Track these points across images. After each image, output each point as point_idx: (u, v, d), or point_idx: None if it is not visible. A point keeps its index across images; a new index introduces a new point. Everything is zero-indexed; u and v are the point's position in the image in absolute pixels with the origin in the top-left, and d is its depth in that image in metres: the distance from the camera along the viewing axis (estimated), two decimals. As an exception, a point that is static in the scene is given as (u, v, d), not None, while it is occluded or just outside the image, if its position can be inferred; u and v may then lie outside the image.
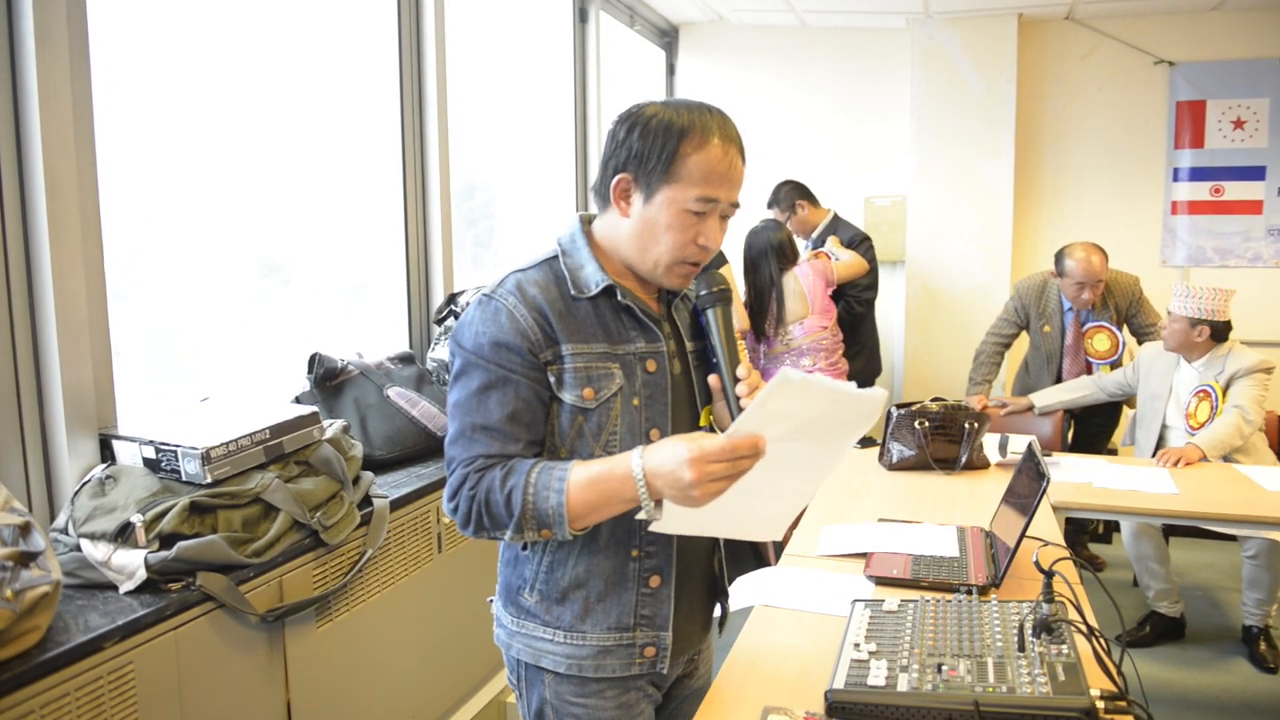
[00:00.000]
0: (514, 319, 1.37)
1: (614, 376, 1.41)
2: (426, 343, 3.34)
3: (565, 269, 1.43)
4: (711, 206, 1.39)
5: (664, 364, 1.45)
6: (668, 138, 1.36)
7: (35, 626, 1.54)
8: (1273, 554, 3.38)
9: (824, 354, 4.08)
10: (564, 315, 1.39)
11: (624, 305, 1.43)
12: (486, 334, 1.37)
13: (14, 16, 1.85)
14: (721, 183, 1.39)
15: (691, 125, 1.37)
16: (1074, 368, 4.19)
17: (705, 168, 1.37)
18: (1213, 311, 3.47)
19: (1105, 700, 1.31)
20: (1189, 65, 5.05)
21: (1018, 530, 1.96)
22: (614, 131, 1.42)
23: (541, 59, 4.43)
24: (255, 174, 2.77)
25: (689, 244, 1.40)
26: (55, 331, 1.92)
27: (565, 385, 1.39)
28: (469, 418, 1.38)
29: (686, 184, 1.37)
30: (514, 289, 1.40)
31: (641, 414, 1.43)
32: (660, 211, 1.38)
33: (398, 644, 2.46)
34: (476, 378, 1.38)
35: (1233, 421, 3.35)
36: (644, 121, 1.38)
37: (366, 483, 2.36)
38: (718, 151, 1.38)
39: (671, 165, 1.36)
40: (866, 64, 5.41)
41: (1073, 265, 4.00)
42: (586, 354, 1.40)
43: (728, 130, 1.41)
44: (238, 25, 2.69)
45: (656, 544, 1.46)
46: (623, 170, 1.40)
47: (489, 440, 1.37)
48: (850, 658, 1.47)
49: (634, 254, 1.43)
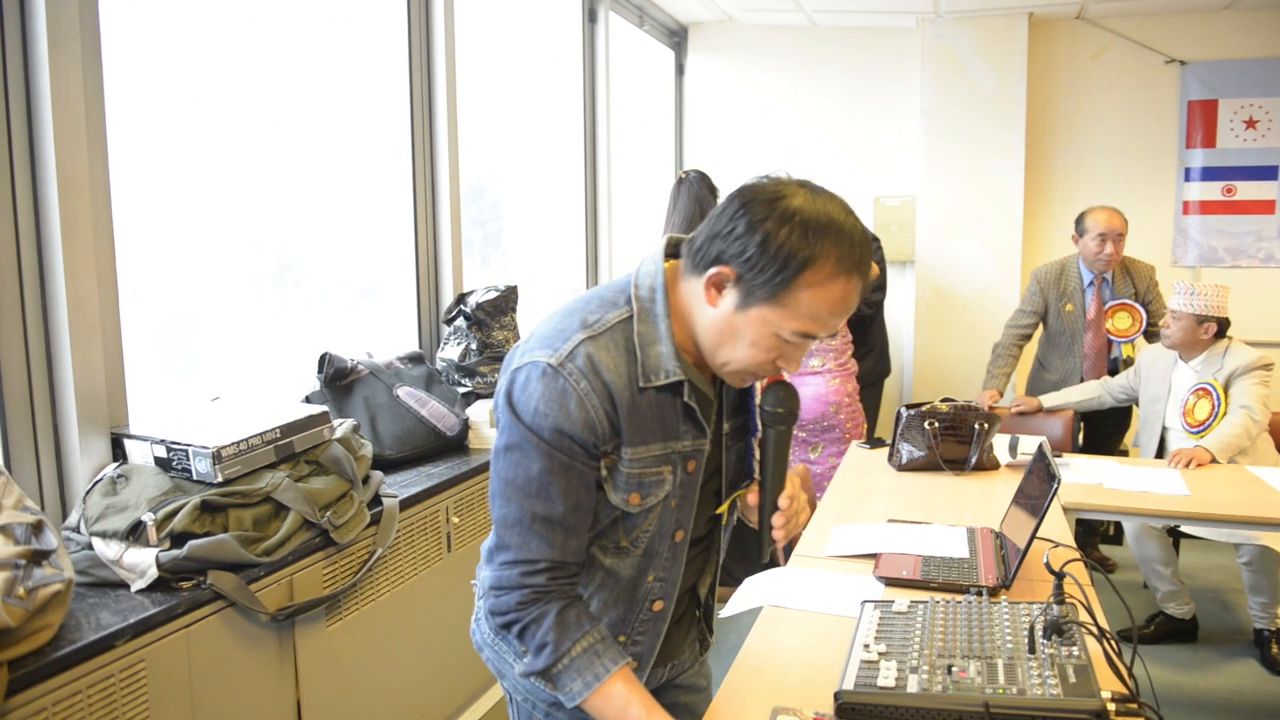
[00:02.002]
0: (584, 408, 1.23)
1: (664, 483, 1.32)
2: (436, 342, 3.35)
3: (638, 342, 1.27)
4: (806, 341, 1.25)
5: (701, 462, 1.35)
6: (789, 261, 1.18)
7: (48, 624, 1.55)
8: (1265, 558, 3.37)
9: (833, 354, 4.07)
10: (630, 407, 1.26)
11: (688, 405, 1.30)
12: (550, 417, 1.23)
13: (27, 17, 1.86)
14: (828, 320, 1.23)
15: (821, 256, 1.18)
16: (1096, 342, 4.20)
17: (817, 305, 1.21)
18: (1217, 307, 3.47)
19: (1116, 702, 1.30)
20: (1201, 64, 5.02)
21: (1028, 531, 1.95)
22: (733, 211, 1.22)
23: (550, 59, 4.43)
24: (266, 175, 2.78)
25: (767, 364, 1.27)
26: (67, 331, 1.93)
27: (615, 484, 1.30)
28: (529, 505, 1.26)
29: (791, 313, 1.21)
30: (585, 368, 1.23)
31: (673, 515, 1.37)
32: (750, 326, 1.23)
33: (407, 643, 2.47)
34: (536, 461, 1.24)
35: (1240, 423, 3.33)
36: (771, 229, 1.18)
37: (376, 482, 2.37)
38: (839, 292, 1.21)
39: (782, 292, 1.20)
40: (876, 64, 5.40)
41: (1091, 221, 4.07)
42: (644, 458, 1.29)
43: (859, 260, 1.21)
44: (248, 28, 2.70)
45: (666, 579, 1.43)
46: (726, 263, 1.21)
47: (551, 536, 1.27)
48: (860, 658, 1.47)
49: (706, 344, 1.28)
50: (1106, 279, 4.21)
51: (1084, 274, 4.20)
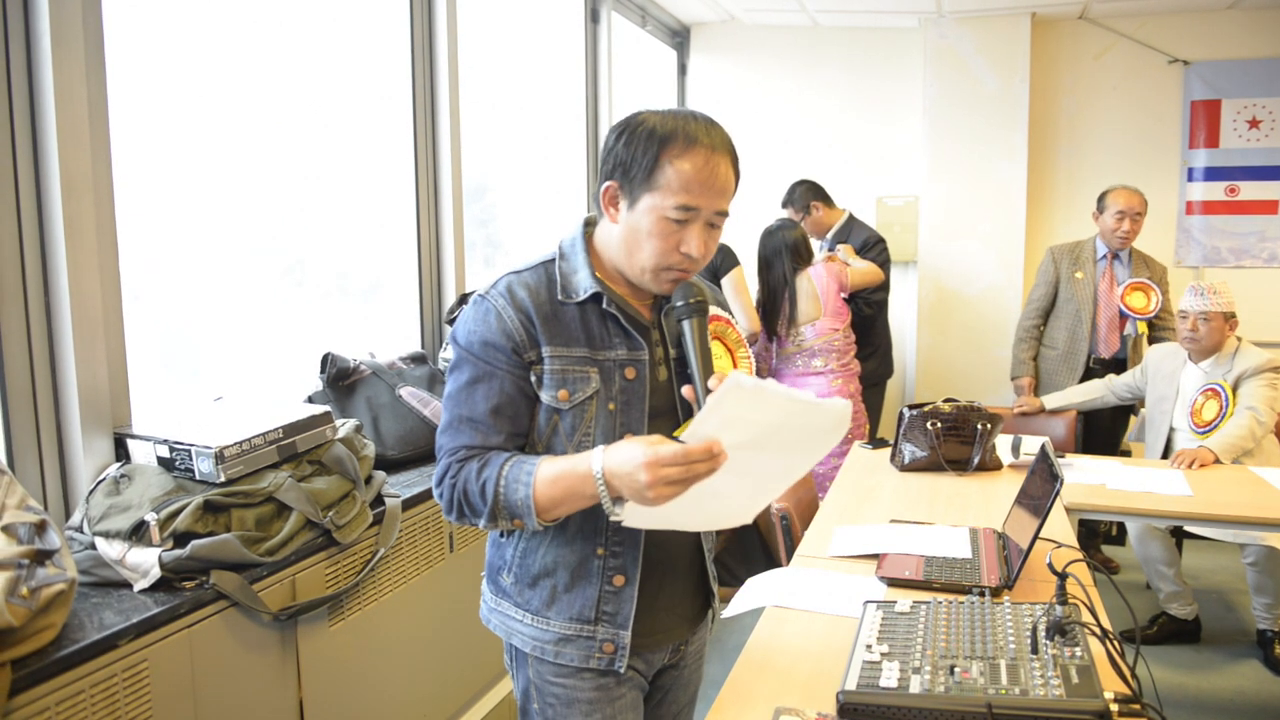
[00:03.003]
0: (501, 320, 1.43)
1: (590, 380, 1.46)
2: (438, 343, 3.35)
3: (559, 272, 1.48)
4: (692, 214, 1.40)
5: (644, 371, 1.49)
6: (649, 145, 1.38)
7: (51, 624, 1.55)
8: (1271, 559, 3.36)
9: (836, 355, 4.07)
10: (549, 319, 1.45)
11: (609, 312, 1.47)
12: (477, 332, 1.45)
13: (30, 17, 1.86)
14: (703, 191, 1.39)
15: (674, 132, 1.38)
16: (1108, 311, 4.24)
17: (686, 176, 1.38)
18: (1232, 304, 3.49)
19: (1119, 703, 1.31)
20: (1204, 64, 5.02)
21: (1031, 532, 1.95)
22: (607, 139, 1.45)
23: (553, 59, 4.43)
24: (269, 175, 2.78)
25: (671, 251, 1.42)
26: (71, 331, 1.93)
27: (544, 385, 1.45)
28: (457, 409, 1.45)
29: (666, 191, 1.38)
30: (504, 291, 1.46)
31: (616, 419, 1.47)
32: (643, 219, 1.41)
33: (410, 643, 2.47)
34: (466, 372, 1.46)
35: (1245, 424, 3.33)
36: (632, 129, 1.41)
37: (379, 482, 2.37)
38: (700, 160, 1.38)
39: (653, 173, 1.39)
40: (879, 64, 5.40)
41: (1112, 198, 4.20)
42: (565, 357, 1.45)
43: (714, 138, 1.41)
44: (251, 28, 2.70)
45: (623, 545, 1.49)
46: (611, 178, 1.43)
47: (472, 432, 1.44)
48: (862, 659, 1.47)
49: (622, 260, 1.47)
50: (1120, 257, 4.25)
51: (1099, 248, 4.30)
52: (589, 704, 1.52)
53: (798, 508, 2.71)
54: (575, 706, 1.52)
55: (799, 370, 4.06)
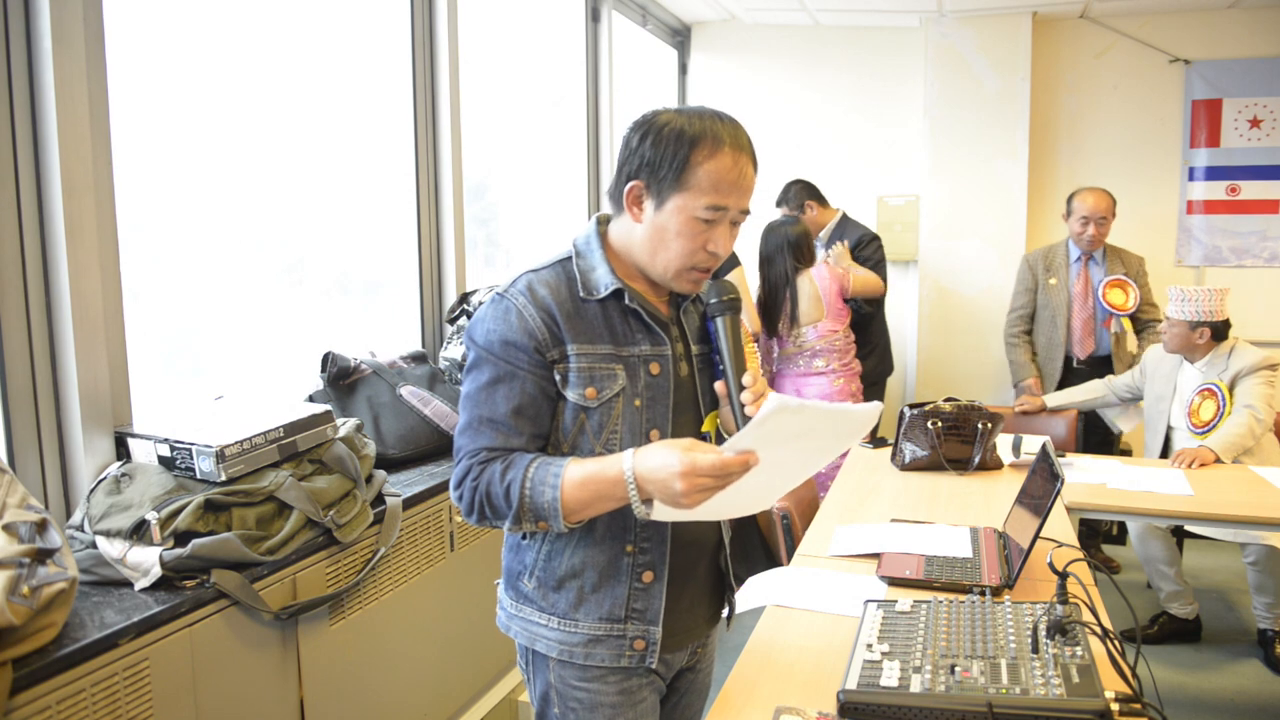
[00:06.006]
0: (523, 318, 1.42)
1: (617, 377, 1.45)
2: (439, 342, 3.35)
3: (577, 270, 1.48)
4: (721, 214, 1.42)
5: (668, 367, 1.49)
6: (679, 146, 1.39)
7: (51, 623, 1.55)
8: (1272, 559, 3.36)
9: (837, 354, 4.07)
10: (571, 316, 1.44)
11: (631, 309, 1.47)
12: (496, 331, 1.43)
13: (31, 16, 1.86)
14: (731, 191, 1.41)
15: (703, 134, 1.40)
16: (1083, 314, 4.29)
17: (715, 176, 1.40)
18: (1210, 312, 3.47)
19: (1120, 702, 1.31)
20: (1205, 64, 5.01)
21: (1031, 531, 1.95)
22: (628, 138, 1.45)
23: (553, 58, 4.43)
24: (269, 174, 2.78)
25: (698, 250, 1.43)
26: (71, 330, 1.93)
27: (569, 384, 1.44)
28: (477, 410, 1.43)
29: (696, 192, 1.40)
30: (525, 289, 1.44)
31: (643, 415, 1.47)
32: (671, 219, 1.42)
33: (410, 642, 2.47)
34: (486, 372, 1.43)
35: (1244, 422, 3.33)
36: (657, 129, 1.41)
37: (379, 481, 2.37)
38: (728, 160, 1.40)
39: (682, 174, 1.39)
40: (880, 63, 5.39)
41: (1078, 202, 4.27)
42: (591, 354, 1.44)
43: (739, 139, 1.43)
44: (251, 27, 2.70)
45: (651, 540, 1.49)
46: (636, 177, 1.43)
47: (494, 433, 1.42)
48: (863, 658, 1.47)
49: (645, 259, 1.47)
50: (1095, 257, 4.28)
51: (1071, 250, 4.35)
52: (612, 708, 1.51)
53: (798, 507, 2.71)
54: (599, 711, 1.51)
55: (800, 370, 4.06)
